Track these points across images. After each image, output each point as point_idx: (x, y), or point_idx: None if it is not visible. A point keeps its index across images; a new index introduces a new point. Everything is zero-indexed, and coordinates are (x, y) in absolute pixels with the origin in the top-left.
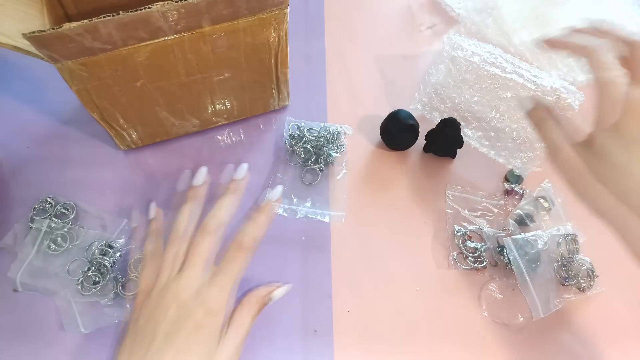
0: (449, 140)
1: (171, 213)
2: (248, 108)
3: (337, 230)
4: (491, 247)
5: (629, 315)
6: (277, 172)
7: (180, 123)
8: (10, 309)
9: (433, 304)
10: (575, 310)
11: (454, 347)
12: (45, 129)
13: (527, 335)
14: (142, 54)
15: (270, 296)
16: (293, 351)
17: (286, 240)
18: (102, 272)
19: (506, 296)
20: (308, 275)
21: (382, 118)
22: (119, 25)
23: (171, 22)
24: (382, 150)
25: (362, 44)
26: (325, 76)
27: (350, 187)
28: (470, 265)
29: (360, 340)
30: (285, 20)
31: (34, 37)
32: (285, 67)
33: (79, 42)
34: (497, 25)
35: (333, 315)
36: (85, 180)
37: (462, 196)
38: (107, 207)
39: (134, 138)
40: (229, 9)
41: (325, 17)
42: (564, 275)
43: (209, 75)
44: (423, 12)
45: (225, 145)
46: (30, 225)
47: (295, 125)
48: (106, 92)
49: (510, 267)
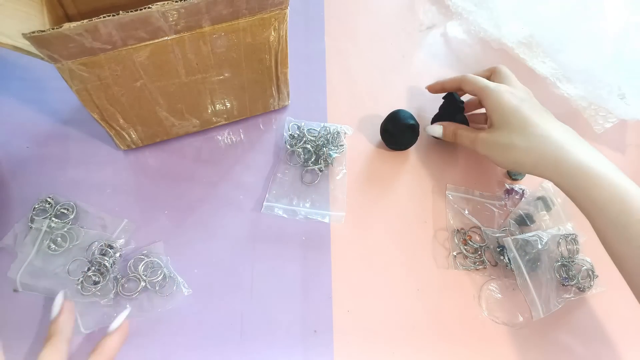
0: (454, 110)
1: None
2: (248, 108)
3: (337, 230)
4: (491, 247)
5: (629, 315)
6: (277, 172)
7: (180, 123)
8: (10, 309)
9: (433, 304)
10: (575, 310)
11: (454, 347)
12: (45, 129)
13: (527, 335)
14: (142, 54)
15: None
16: (293, 351)
17: (286, 240)
18: (102, 272)
19: (506, 296)
20: (308, 275)
21: (382, 118)
22: (119, 25)
23: (171, 22)
24: (382, 150)
25: (362, 44)
26: (325, 76)
27: (350, 187)
28: (470, 266)
29: (360, 340)
30: (285, 20)
31: (34, 37)
32: (285, 67)
33: (79, 42)
34: (490, 17)
35: (333, 315)
36: (85, 180)
37: (462, 196)
38: (107, 207)
39: (134, 138)
40: (229, 9)
41: (325, 17)
42: (564, 275)
43: (209, 75)
44: (423, 12)
45: (225, 145)
46: (30, 225)
47: (295, 125)
48: (106, 92)
49: (510, 267)
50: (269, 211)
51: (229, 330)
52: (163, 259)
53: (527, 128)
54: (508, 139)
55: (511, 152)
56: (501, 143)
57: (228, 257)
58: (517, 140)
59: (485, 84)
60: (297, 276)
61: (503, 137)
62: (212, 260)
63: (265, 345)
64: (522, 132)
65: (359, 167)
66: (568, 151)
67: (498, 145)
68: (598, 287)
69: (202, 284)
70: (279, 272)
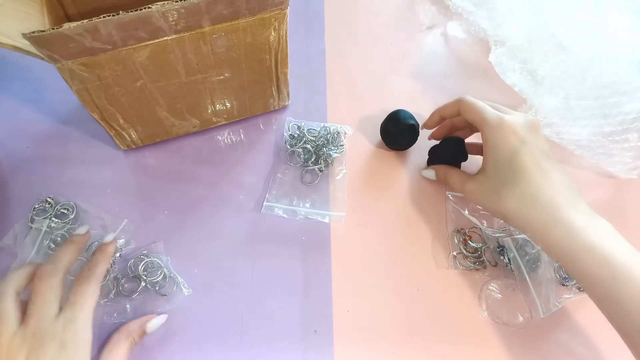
0: (453, 154)
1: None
2: (248, 108)
3: (337, 230)
4: (491, 247)
5: None
6: (277, 172)
7: (180, 123)
8: None
9: (433, 303)
10: (575, 310)
11: (454, 347)
12: (45, 129)
13: (527, 335)
14: (142, 54)
15: (144, 329)
16: (293, 351)
17: (286, 240)
18: None
19: (506, 296)
20: (308, 275)
21: (382, 118)
22: (119, 25)
23: (171, 22)
24: (382, 150)
25: (362, 44)
26: (325, 76)
27: (350, 187)
28: (470, 266)
29: (360, 340)
30: (285, 20)
31: (34, 37)
32: (285, 67)
33: (79, 42)
34: (490, 17)
35: (333, 315)
36: (85, 180)
37: (462, 196)
38: (107, 207)
39: (134, 138)
40: (229, 9)
41: (325, 17)
42: (564, 275)
43: (209, 75)
44: (423, 12)
45: (225, 145)
46: (30, 226)
47: (295, 125)
48: (106, 92)
49: (510, 267)
50: (269, 211)
51: (229, 330)
52: (163, 259)
53: (519, 183)
54: (496, 192)
55: (499, 207)
56: (489, 195)
57: (228, 257)
58: (506, 196)
59: (484, 117)
60: (297, 276)
61: (492, 188)
62: (212, 260)
63: (265, 345)
64: (513, 186)
65: (359, 167)
66: (558, 218)
67: (486, 196)
68: None
69: (202, 284)
70: (279, 272)
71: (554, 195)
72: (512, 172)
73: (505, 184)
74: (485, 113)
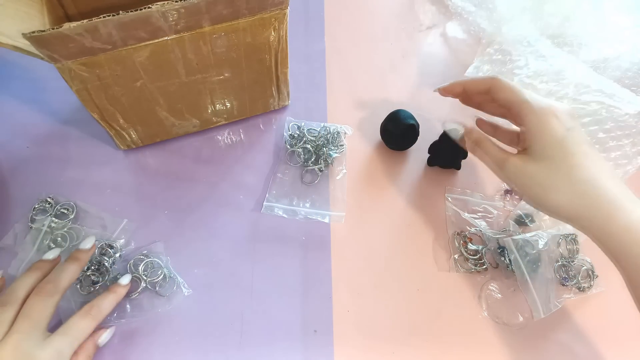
0: (453, 151)
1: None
2: (248, 108)
3: (337, 231)
4: (492, 248)
5: (629, 315)
6: (277, 172)
7: (180, 123)
8: None
9: (433, 303)
10: (575, 310)
11: (454, 347)
12: (45, 129)
13: (527, 335)
14: (142, 54)
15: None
16: (293, 351)
17: (286, 240)
18: (102, 272)
19: (506, 296)
20: (308, 275)
21: (382, 118)
22: (119, 25)
23: (171, 22)
24: (382, 150)
25: (362, 44)
26: (325, 76)
27: (350, 187)
28: (471, 268)
29: (360, 340)
30: (285, 20)
31: (34, 37)
32: (285, 67)
33: (79, 42)
34: (490, 17)
35: (333, 315)
36: (85, 180)
37: (461, 198)
38: (107, 207)
39: (134, 138)
40: (229, 9)
41: (325, 17)
42: (564, 275)
43: (209, 75)
44: (423, 12)
45: (225, 145)
46: (31, 225)
47: (295, 125)
48: (106, 92)
49: (511, 268)
50: (269, 211)
51: (229, 330)
52: (163, 259)
53: (573, 169)
54: (548, 177)
55: (550, 196)
56: (539, 180)
57: (228, 257)
58: (559, 183)
59: (525, 98)
60: (297, 276)
61: (542, 174)
62: (212, 260)
63: (265, 345)
64: (566, 173)
65: (359, 167)
66: (620, 207)
67: (534, 181)
68: (598, 287)
69: (202, 284)
70: (279, 272)
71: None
72: (563, 158)
73: (557, 169)
74: (526, 95)
